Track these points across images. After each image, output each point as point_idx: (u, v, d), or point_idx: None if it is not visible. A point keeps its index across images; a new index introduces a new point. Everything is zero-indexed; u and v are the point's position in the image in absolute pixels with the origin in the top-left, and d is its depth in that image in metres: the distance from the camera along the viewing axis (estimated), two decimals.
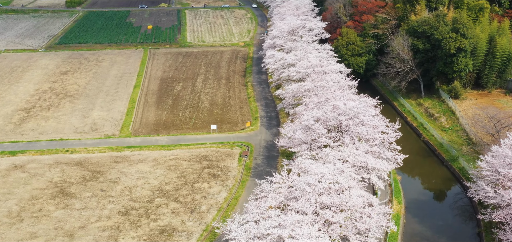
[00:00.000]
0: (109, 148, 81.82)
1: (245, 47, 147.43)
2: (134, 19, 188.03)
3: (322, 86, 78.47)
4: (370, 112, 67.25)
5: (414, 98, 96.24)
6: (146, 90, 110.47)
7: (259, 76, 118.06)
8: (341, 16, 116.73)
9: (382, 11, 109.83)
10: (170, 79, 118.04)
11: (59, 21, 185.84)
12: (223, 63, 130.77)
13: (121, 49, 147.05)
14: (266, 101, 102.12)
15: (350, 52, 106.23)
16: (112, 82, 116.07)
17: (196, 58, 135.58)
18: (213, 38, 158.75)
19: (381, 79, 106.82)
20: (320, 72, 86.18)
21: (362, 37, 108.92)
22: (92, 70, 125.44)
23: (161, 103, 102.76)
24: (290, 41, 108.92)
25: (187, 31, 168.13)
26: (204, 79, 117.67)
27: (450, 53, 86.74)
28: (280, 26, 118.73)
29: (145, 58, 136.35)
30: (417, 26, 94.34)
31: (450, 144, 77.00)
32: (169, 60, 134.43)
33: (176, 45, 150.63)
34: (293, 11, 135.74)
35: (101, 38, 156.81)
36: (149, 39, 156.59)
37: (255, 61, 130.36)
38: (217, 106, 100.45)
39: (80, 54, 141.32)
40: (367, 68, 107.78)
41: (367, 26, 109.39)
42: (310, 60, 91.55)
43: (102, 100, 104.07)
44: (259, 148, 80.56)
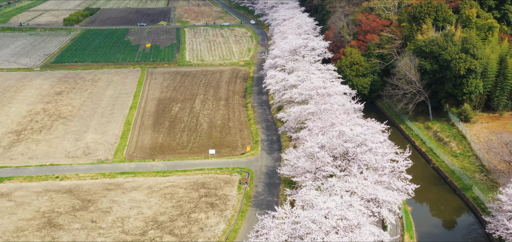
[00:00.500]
0: (102, 174, 77.54)
1: (245, 66, 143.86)
2: (133, 37, 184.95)
3: (326, 109, 74.44)
4: (378, 138, 63.10)
5: (421, 121, 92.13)
6: (142, 112, 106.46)
7: (260, 97, 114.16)
8: (345, 35, 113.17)
9: (386, 30, 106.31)
10: (168, 99, 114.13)
11: (56, 39, 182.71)
12: (223, 83, 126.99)
13: (119, 68, 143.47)
14: (267, 124, 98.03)
15: (354, 73, 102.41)
16: (107, 103, 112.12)
17: (195, 78, 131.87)
18: (213, 57, 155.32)
19: (386, 101, 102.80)
20: (323, 94, 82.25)
21: (367, 57, 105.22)
22: (87, 90, 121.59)
23: (157, 125, 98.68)
24: (292, 61, 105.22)
25: (186, 49, 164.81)
26: (203, 99, 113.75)
27: (459, 74, 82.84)
28: (282, 45, 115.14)
29: (143, 77, 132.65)
30: (425, 46, 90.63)
31: (462, 171, 72.68)
32: (167, 79, 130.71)
33: (174, 64, 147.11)
34: (294, 29, 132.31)
35: (98, 57, 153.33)
36: (147, 58, 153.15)
37: (256, 81, 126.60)
38: (216, 129, 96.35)
39: (76, 73, 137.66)
40: (371, 89, 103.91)
41: (371, 45, 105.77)
42: (313, 81, 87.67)
43: (97, 122, 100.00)
44: (260, 175, 76.27)
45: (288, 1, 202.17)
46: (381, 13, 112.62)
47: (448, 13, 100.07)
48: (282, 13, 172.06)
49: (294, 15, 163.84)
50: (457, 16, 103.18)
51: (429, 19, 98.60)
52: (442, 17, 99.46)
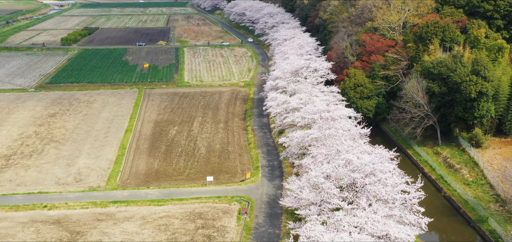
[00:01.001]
0: (93, 203, 73.06)
1: (245, 87, 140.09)
2: (131, 57, 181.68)
3: (331, 135, 70.26)
4: (387, 167, 58.81)
5: (430, 145, 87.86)
6: (138, 135, 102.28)
7: (260, 120, 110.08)
8: (348, 56, 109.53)
9: (392, 51, 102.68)
10: (165, 122, 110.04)
11: (53, 59, 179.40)
12: (222, 105, 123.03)
13: (115, 89, 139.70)
14: (268, 148, 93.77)
15: (358, 95, 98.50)
16: (102, 125, 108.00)
17: (194, 99, 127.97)
18: (212, 78, 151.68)
19: (393, 125, 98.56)
20: (327, 118, 78.15)
21: (371, 79, 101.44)
22: (82, 112, 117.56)
23: (153, 149, 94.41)
24: (293, 83, 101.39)
25: (185, 70, 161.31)
26: (201, 122, 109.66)
27: (470, 97, 78.85)
28: (283, 66, 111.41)
29: (140, 99, 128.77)
30: (432, 67, 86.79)
31: (476, 201, 68.24)
32: (165, 101, 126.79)
33: (173, 85, 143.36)
34: (296, 50, 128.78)
35: (94, 77, 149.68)
36: (145, 78, 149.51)
37: (256, 103, 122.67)
38: (215, 154, 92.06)
39: (71, 94, 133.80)
40: (376, 112, 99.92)
41: (376, 67, 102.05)
42: (316, 104, 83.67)
43: (90, 146, 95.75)
44: (261, 204, 71.80)
45: (288, 21, 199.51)
46: (385, 33, 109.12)
47: (456, 34, 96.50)
48: (282, 33, 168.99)
49: (295, 35, 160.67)
50: (464, 36, 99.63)
51: (436, 39, 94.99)
52: (450, 37, 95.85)
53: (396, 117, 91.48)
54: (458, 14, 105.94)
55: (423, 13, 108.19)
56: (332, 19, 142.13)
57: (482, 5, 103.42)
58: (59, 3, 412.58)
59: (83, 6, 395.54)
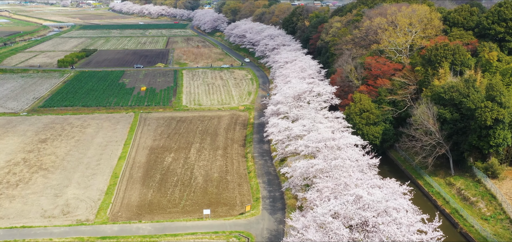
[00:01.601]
0: (80, 239, 67.44)
1: (245, 111, 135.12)
2: (128, 79, 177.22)
3: (337, 166, 64.93)
4: (401, 203, 53.39)
5: (442, 175, 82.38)
6: (132, 162, 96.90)
7: (261, 146, 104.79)
8: (353, 79, 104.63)
9: (399, 75, 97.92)
10: (161, 148, 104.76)
11: (48, 81, 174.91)
12: (221, 130, 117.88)
13: (110, 113, 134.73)
14: (268, 177, 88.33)
15: (364, 121, 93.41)
16: (95, 152, 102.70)
17: (191, 124, 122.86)
18: (211, 101, 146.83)
19: (402, 153, 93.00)
20: (333, 146, 72.91)
21: (377, 104, 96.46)
22: (74, 137, 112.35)
23: (147, 178, 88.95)
24: (296, 108, 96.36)
25: (183, 93, 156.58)
26: (199, 148, 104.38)
27: (485, 125, 73.69)
28: (284, 90, 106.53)
29: (135, 123, 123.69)
30: (443, 92, 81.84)
31: (497, 238, 62.64)
32: (161, 126, 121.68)
33: (170, 109, 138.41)
34: (298, 73, 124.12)
35: (89, 101, 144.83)
36: (142, 102, 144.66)
37: (256, 128, 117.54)
38: (212, 183, 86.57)
39: (64, 118, 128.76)
40: (383, 139, 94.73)
41: (382, 91, 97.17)
42: (320, 131, 78.52)
43: (80, 175, 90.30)
44: (261, 240, 66.13)
45: (289, 43, 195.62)
46: (391, 56, 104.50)
47: (466, 57, 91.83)
48: (284, 55, 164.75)
49: (296, 58, 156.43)
50: (475, 59, 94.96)
51: (445, 62, 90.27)
52: (460, 60, 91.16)
53: (406, 145, 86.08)
54: (467, 36, 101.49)
55: (431, 35, 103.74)
56: (335, 42, 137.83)
57: (493, 27, 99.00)
58: (58, 25, 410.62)
59: (82, 27, 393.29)
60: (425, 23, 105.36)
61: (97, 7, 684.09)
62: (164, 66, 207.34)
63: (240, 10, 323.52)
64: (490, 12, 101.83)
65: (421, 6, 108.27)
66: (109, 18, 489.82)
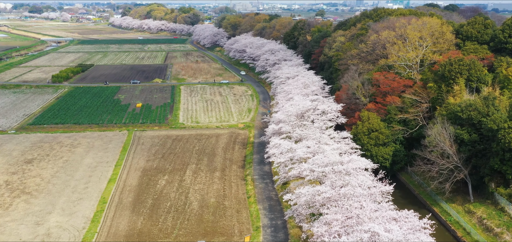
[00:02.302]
0: None
1: (245, 129, 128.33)
2: (123, 95, 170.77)
3: (347, 194, 57.91)
4: (423, 239, 46.26)
5: (460, 202, 75.23)
6: (122, 186, 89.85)
7: (261, 167, 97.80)
8: (360, 97, 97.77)
9: (409, 92, 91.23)
10: (154, 170, 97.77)
11: (40, 97, 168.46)
12: (219, 150, 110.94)
13: (103, 131, 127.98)
14: (270, 203, 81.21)
15: (373, 141, 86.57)
16: (83, 174, 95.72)
17: (188, 143, 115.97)
18: (209, 118, 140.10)
19: (417, 178, 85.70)
20: (341, 171, 65.94)
21: (387, 123, 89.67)
22: (63, 157, 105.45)
23: (138, 204, 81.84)
24: (299, 127, 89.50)
25: (180, 110, 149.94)
26: (195, 170, 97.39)
27: (509, 147, 66.73)
28: (287, 107, 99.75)
29: (128, 142, 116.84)
30: (460, 111, 75.06)
31: None
32: (156, 145, 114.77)
33: (166, 127, 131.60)
34: (300, 89, 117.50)
35: (81, 118, 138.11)
36: (137, 119, 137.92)
37: (257, 148, 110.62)
38: (209, 210, 79.45)
39: (54, 137, 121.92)
40: (394, 160, 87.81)
41: (392, 109, 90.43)
42: (326, 154, 71.60)
43: (66, 200, 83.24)
44: None
45: (291, 58, 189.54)
46: (401, 72, 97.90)
47: (483, 72, 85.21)
48: (285, 71, 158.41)
49: (298, 73, 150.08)
50: (492, 75, 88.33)
51: (461, 79, 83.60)
52: (476, 76, 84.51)
53: (420, 168, 78.94)
54: (482, 50, 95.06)
55: (442, 49, 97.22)
56: (339, 56, 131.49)
57: (510, 40, 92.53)
58: (56, 40, 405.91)
59: (81, 42, 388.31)
60: (436, 36, 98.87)
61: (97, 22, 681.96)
62: (162, 81, 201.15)
63: (240, 25, 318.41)
64: (507, 25, 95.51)
65: (432, 19, 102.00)
66: (108, 33, 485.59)
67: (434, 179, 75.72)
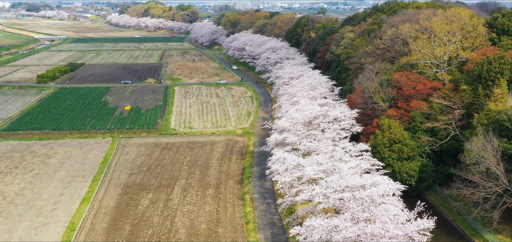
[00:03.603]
0: None
1: (243, 136, 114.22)
2: (112, 97, 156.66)
3: (376, 236, 43.67)
4: None
5: (507, 233, 61.00)
6: (97, 207, 75.75)
7: (262, 183, 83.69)
8: (378, 101, 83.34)
9: (437, 95, 77.01)
10: (137, 186, 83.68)
11: (21, 99, 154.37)
12: (214, 161, 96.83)
13: (84, 138, 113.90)
14: (273, 231, 67.07)
15: (395, 155, 72.41)
16: (54, 191, 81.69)
17: (178, 152, 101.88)
18: (204, 123, 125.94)
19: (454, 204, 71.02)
20: (363, 198, 51.72)
21: (411, 132, 75.46)
22: (33, 170, 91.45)
23: (113, 231, 67.73)
24: (307, 138, 75.22)
25: (172, 113, 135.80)
26: (185, 187, 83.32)
27: None
28: (292, 113, 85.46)
29: (111, 152, 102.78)
30: (507, 120, 60.86)
31: None
32: (142, 155, 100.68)
33: (155, 133, 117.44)
34: (306, 91, 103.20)
35: (62, 123, 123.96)
36: (123, 124, 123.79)
37: (257, 158, 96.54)
38: (199, 238, 65.37)
39: (28, 145, 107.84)
40: (420, 177, 73.64)
41: (417, 116, 76.23)
42: (343, 174, 57.45)
43: (27, 226, 69.18)
44: None
45: (294, 57, 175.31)
46: (425, 72, 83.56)
47: None
48: (288, 70, 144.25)
49: (302, 73, 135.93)
50: None
51: (502, 80, 69.37)
52: None
53: (459, 192, 64.45)
54: None
55: (474, 45, 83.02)
56: (349, 54, 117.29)
57: None
58: (50, 38, 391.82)
59: (75, 41, 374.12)
60: (467, 30, 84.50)
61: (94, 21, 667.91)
62: (155, 81, 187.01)
63: (239, 22, 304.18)
64: None
65: (462, 10, 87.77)
66: (105, 32, 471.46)
67: (477, 204, 61.36)
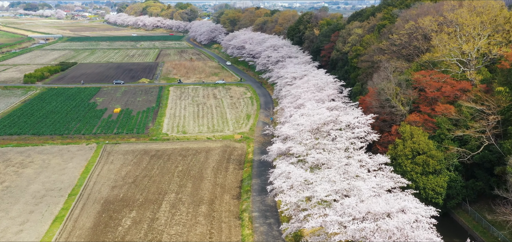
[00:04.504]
0: None
1: (242, 142, 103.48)
2: (102, 99, 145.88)
3: None
4: None
5: None
6: (70, 228, 65.04)
7: (263, 199, 72.93)
8: (397, 104, 72.23)
9: (466, 98, 66.11)
10: (119, 202, 72.95)
11: (5, 100, 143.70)
12: (208, 171, 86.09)
13: (67, 144, 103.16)
14: None
15: (419, 168, 61.63)
16: (23, 208, 70.99)
17: (169, 161, 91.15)
18: (199, 127, 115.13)
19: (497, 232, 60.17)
20: (391, 230, 40.86)
21: (437, 142, 64.61)
22: (4, 182, 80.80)
23: None
24: (315, 148, 64.31)
25: (165, 116, 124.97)
26: (174, 202, 72.60)
27: None
28: (297, 118, 74.49)
29: (94, 160, 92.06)
30: None
31: None
32: (129, 164, 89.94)
33: (145, 138, 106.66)
34: (312, 92, 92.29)
35: (44, 127, 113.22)
36: (111, 128, 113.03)
37: (257, 168, 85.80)
38: None
39: (3, 152, 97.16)
40: (448, 194, 62.78)
41: (443, 122, 65.36)
42: (363, 195, 46.62)
43: None
44: None
45: (296, 55, 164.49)
46: (451, 71, 72.57)
47: None
48: (290, 69, 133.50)
49: (307, 72, 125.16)
50: None
51: None
52: None
53: (504, 217, 53.55)
54: None
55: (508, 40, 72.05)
56: (358, 52, 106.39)
57: None
58: (45, 37, 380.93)
59: (70, 39, 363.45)
60: (498, 23, 73.53)
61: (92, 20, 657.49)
62: (149, 81, 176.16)
63: (239, 20, 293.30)
64: None
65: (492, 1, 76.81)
66: (102, 30, 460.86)
67: None
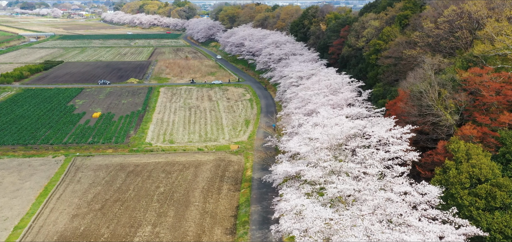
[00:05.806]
0: None
1: (239, 154, 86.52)
2: (82, 101, 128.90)
3: None
4: None
5: None
6: None
7: (265, 235, 55.90)
8: (441, 112, 54.54)
9: None
10: (79, 238, 55.88)
11: None
12: (196, 193, 69.02)
13: (30, 156, 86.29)
14: None
15: (481, 202, 44.49)
16: None
17: (149, 179, 74.12)
18: (189, 135, 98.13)
19: None
20: None
21: (501, 163, 47.44)
22: None
23: None
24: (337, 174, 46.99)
25: (151, 121, 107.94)
26: (149, 238, 55.53)
27: None
28: (309, 129, 56.98)
29: (58, 177, 75.11)
30: None
31: None
32: (99, 183, 72.88)
33: (124, 149, 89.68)
34: (325, 95, 74.97)
35: (7, 136, 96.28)
36: (86, 136, 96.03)
37: (257, 189, 68.73)
38: None
39: None
40: None
41: (508, 137, 48.16)
42: None
43: None
44: None
45: (301, 52, 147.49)
46: (506, 66, 55.43)
47: None
48: (296, 68, 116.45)
49: (315, 71, 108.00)
50: None
51: None
52: None
53: None
54: None
55: None
56: (378, 46, 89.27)
57: None
58: (35, 35, 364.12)
59: (62, 37, 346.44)
60: None
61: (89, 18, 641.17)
62: (138, 82, 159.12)
63: (238, 16, 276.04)
64: None
65: None
66: (97, 29, 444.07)
67: None
